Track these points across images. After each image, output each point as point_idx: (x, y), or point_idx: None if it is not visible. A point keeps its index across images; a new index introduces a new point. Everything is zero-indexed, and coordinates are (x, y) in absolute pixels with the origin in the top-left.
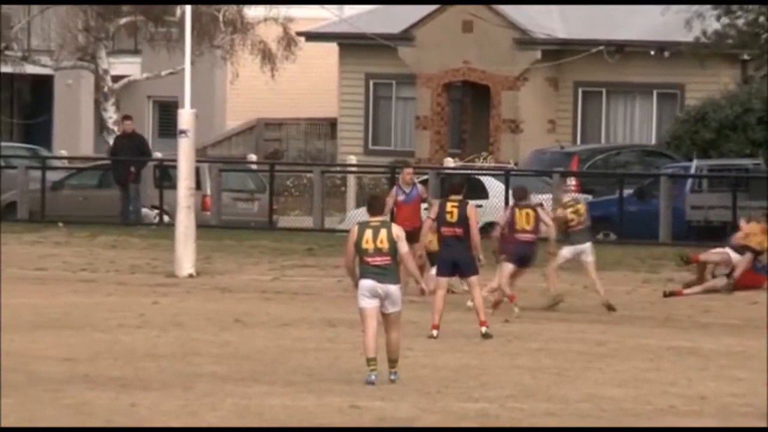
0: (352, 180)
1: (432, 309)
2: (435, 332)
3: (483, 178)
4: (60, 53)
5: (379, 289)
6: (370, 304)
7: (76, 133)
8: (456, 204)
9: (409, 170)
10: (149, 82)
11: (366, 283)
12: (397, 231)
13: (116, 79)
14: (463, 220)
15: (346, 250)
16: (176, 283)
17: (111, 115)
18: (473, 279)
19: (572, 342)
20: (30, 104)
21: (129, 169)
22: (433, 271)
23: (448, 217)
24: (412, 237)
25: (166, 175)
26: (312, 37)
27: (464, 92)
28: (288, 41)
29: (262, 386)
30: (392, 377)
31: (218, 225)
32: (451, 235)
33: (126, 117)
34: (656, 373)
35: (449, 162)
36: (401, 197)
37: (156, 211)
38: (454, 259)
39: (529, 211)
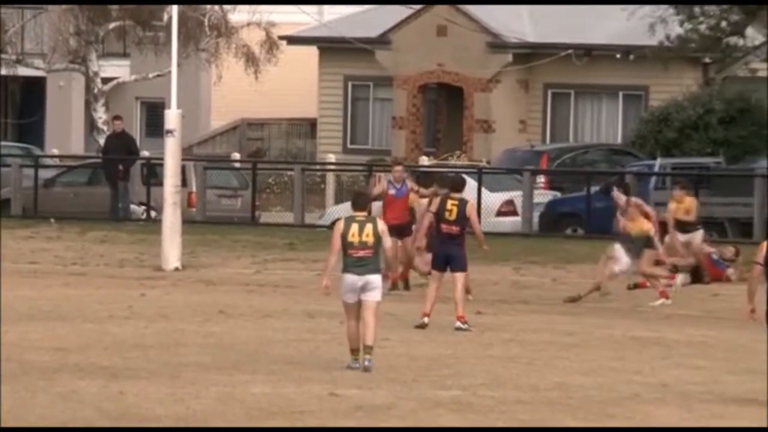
0: (331, 178)
1: (426, 298)
2: (426, 319)
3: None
4: (52, 56)
5: (359, 282)
6: (351, 299)
7: (67, 132)
8: (456, 203)
9: (398, 168)
10: (137, 84)
11: (347, 278)
12: (382, 226)
13: (106, 81)
14: (462, 220)
15: (332, 242)
16: (163, 276)
17: (101, 115)
18: (460, 275)
19: (542, 333)
20: (23, 105)
21: (118, 167)
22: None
23: (447, 215)
24: (401, 232)
25: (153, 173)
26: (293, 40)
27: (439, 93)
28: (270, 45)
29: (244, 375)
30: (366, 363)
31: (203, 221)
32: (448, 232)
33: (116, 117)
34: (621, 362)
35: (424, 160)
36: (392, 191)
37: (144, 208)
38: (448, 254)
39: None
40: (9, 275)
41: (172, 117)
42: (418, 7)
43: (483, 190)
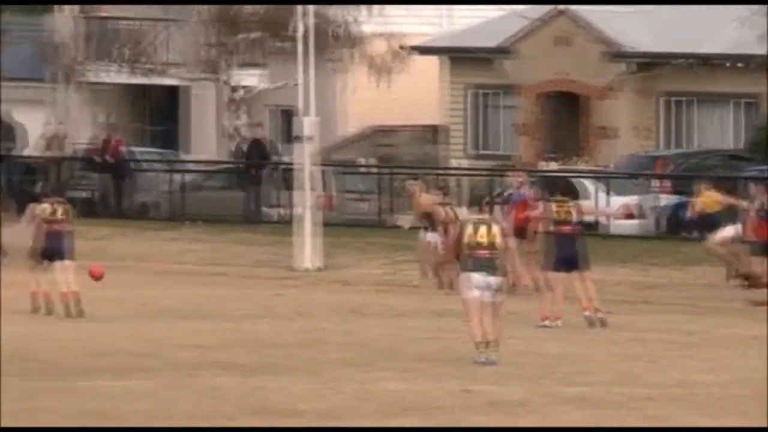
0: (459, 182)
1: (554, 302)
2: (559, 322)
3: (575, 180)
4: (189, 66)
5: (485, 281)
6: (475, 295)
7: (204, 138)
8: (566, 204)
9: (517, 173)
10: (271, 92)
11: (472, 276)
12: (505, 227)
13: (240, 89)
14: (578, 219)
15: (456, 244)
16: (299, 276)
17: (236, 122)
18: (587, 273)
19: (663, 332)
20: (161, 112)
21: (254, 172)
22: None
23: (566, 216)
24: (521, 234)
25: (287, 177)
26: (422, 50)
27: (560, 101)
28: (399, 55)
29: (380, 372)
30: (493, 357)
31: (337, 223)
32: (566, 233)
33: (255, 124)
34: (743, 360)
35: (548, 165)
36: (513, 197)
37: (279, 210)
38: (571, 256)
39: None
40: (155, 275)
41: (309, 124)
42: (538, 15)
43: (604, 194)
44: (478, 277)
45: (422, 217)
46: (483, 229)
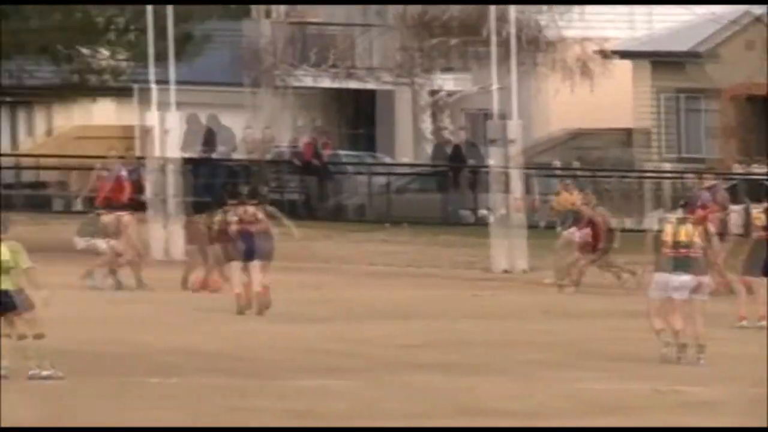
0: (663, 184)
1: (756, 303)
2: (764, 322)
3: None
4: (386, 70)
5: (681, 281)
6: (661, 296)
7: (401, 142)
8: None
9: (706, 177)
10: (470, 96)
11: (668, 278)
12: (710, 228)
13: (441, 92)
14: None
15: (654, 246)
16: (497, 278)
17: (438, 125)
18: None
19: None
20: (362, 116)
21: (453, 175)
22: None
23: (763, 221)
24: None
25: (483, 180)
26: (623, 55)
27: (760, 105)
28: (593, 58)
29: (580, 372)
30: (701, 362)
31: (537, 226)
32: (764, 239)
33: (459, 128)
34: None
35: (743, 168)
36: (701, 199)
37: (476, 212)
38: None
39: None
40: (357, 277)
41: (512, 127)
42: (734, 16)
43: None
44: (673, 279)
45: (559, 215)
46: (683, 228)
